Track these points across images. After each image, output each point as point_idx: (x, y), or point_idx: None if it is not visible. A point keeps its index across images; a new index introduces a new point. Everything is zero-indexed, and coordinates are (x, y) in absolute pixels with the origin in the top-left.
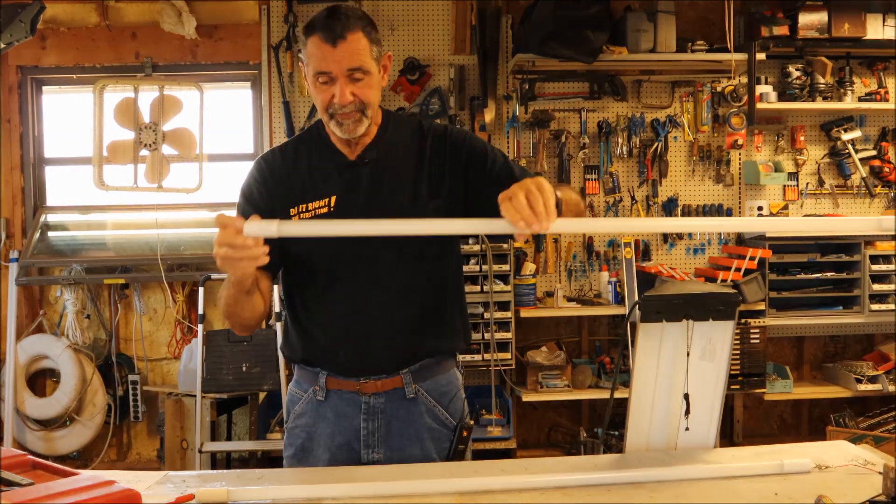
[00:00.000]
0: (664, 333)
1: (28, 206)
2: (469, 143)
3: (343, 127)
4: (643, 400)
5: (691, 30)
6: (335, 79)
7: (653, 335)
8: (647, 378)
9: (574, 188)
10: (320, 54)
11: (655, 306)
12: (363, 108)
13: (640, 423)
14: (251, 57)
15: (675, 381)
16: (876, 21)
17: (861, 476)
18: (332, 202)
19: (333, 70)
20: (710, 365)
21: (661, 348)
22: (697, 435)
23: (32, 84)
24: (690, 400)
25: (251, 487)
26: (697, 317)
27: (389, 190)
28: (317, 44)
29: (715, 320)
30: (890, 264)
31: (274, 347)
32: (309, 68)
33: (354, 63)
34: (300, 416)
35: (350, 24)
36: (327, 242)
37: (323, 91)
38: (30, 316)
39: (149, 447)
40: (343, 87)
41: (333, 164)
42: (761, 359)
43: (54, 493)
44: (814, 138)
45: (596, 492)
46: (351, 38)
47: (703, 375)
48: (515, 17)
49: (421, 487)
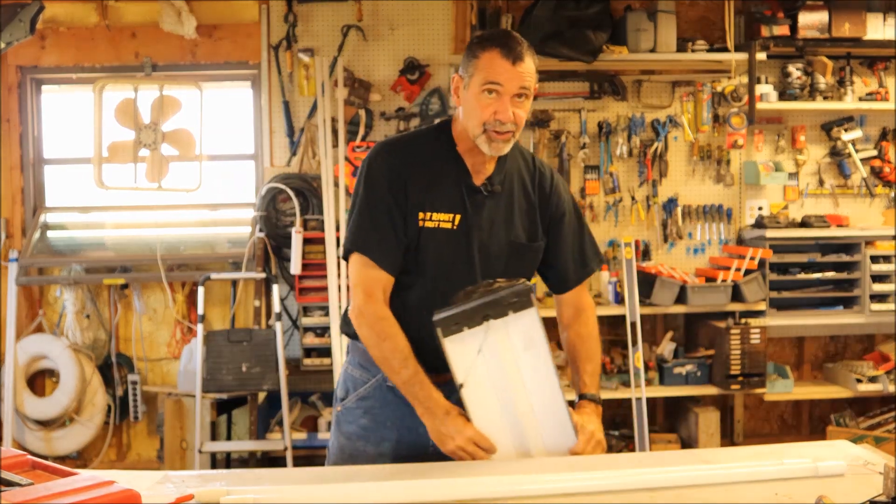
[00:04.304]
0: (475, 341)
1: (28, 206)
2: (565, 202)
3: (493, 144)
4: (490, 411)
5: (691, 29)
6: (503, 95)
7: (467, 345)
8: (483, 389)
9: (594, 356)
10: (499, 69)
11: (453, 321)
12: (515, 130)
13: (497, 434)
14: (251, 57)
15: (512, 382)
16: (876, 21)
17: (861, 476)
18: (457, 220)
19: (506, 84)
20: (536, 353)
21: (481, 355)
22: (554, 432)
23: (32, 84)
24: (534, 395)
25: (251, 487)
26: (497, 315)
27: (504, 224)
28: (495, 58)
29: (515, 312)
30: (890, 264)
31: (274, 348)
32: (475, 79)
33: (525, 83)
34: (365, 398)
35: (526, 49)
36: (447, 247)
37: (487, 105)
38: (29, 316)
39: (148, 447)
40: (508, 104)
41: (463, 182)
42: (761, 359)
43: (54, 493)
44: (814, 138)
45: (596, 492)
46: (527, 61)
47: (534, 367)
48: (515, 17)
49: (422, 490)
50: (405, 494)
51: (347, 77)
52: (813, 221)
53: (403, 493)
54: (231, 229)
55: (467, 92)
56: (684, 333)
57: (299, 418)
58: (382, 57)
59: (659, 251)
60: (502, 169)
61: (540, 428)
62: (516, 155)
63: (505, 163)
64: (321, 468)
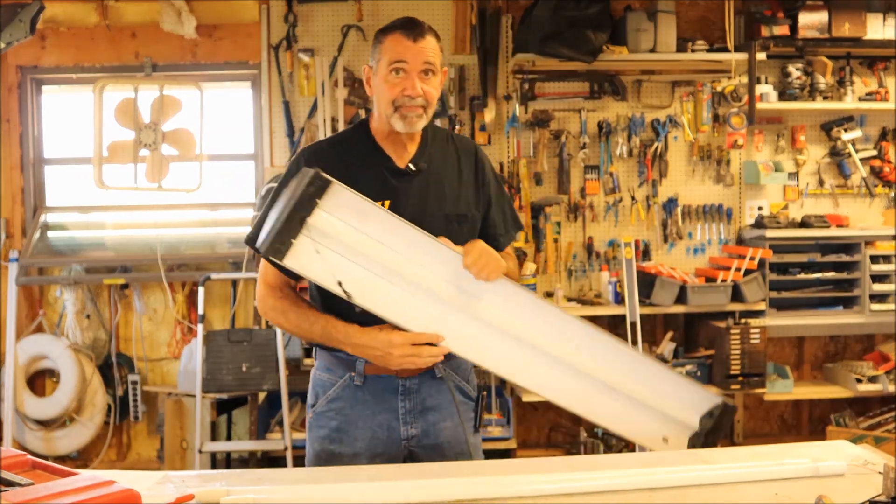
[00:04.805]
0: (309, 245)
1: (28, 206)
2: (493, 176)
3: (406, 120)
4: (395, 299)
5: (691, 30)
6: (409, 72)
7: (306, 255)
8: (364, 283)
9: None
10: (401, 48)
11: (277, 242)
12: (426, 106)
13: (421, 310)
14: (251, 57)
15: (378, 255)
16: (876, 21)
17: (861, 476)
18: (387, 206)
19: (410, 61)
20: (372, 216)
21: (322, 255)
22: (445, 267)
23: (32, 84)
24: (402, 249)
25: (251, 487)
26: (308, 210)
27: (436, 200)
28: (398, 38)
29: (321, 198)
30: (890, 264)
31: (274, 348)
32: (382, 62)
33: (430, 58)
34: (334, 400)
35: (427, 28)
36: None
37: (395, 84)
38: (29, 316)
39: (149, 447)
40: (415, 80)
41: (385, 167)
42: (761, 359)
43: (54, 493)
44: (814, 138)
45: (596, 492)
46: (429, 38)
47: (381, 229)
48: (515, 16)
49: (422, 490)
50: (405, 494)
51: (347, 77)
52: (813, 221)
53: (403, 494)
54: (231, 229)
55: (377, 77)
56: (684, 333)
57: (299, 418)
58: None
59: (659, 251)
60: (425, 148)
61: (434, 275)
62: (437, 135)
63: (427, 143)
64: (321, 468)
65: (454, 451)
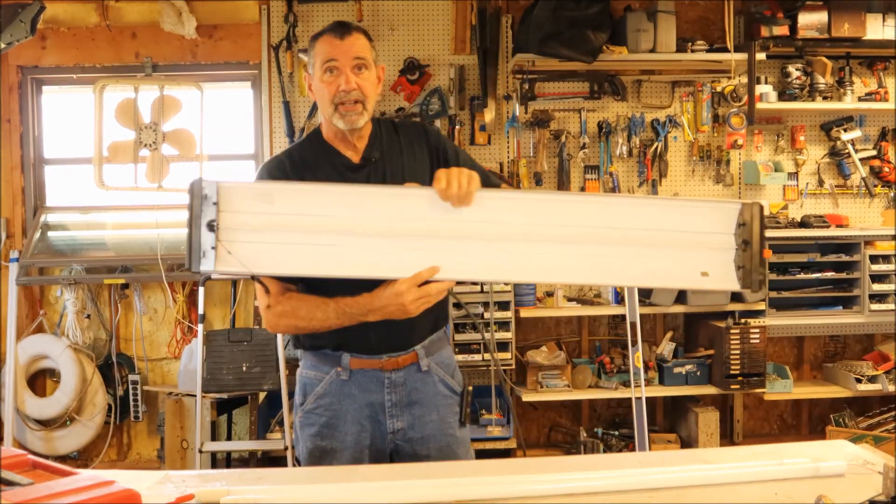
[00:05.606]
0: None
1: (28, 206)
2: (454, 149)
3: (346, 118)
4: (364, 250)
5: (691, 30)
6: (341, 68)
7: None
8: (323, 249)
9: None
10: (330, 47)
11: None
12: (363, 100)
13: (402, 251)
14: (251, 57)
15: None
16: (876, 21)
17: (861, 476)
18: None
19: (341, 58)
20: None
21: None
22: (412, 202)
23: (32, 84)
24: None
25: (251, 487)
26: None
27: (397, 183)
28: (326, 40)
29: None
30: (890, 264)
31: (274, 347)
32: (316, 65)
33: (359, 53)
34: (322, 396)
35: (354, 27)
36: None
37: (330, 83)
38: (30, 316)
39: (149, 447)
40: (349, 74)
41: (341, 164)
42: (761, 359)
43: (54, 493)
44: (814, 138)
45: (596, 492)
46: (356, 35)
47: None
48: (515, 17)
49: (422, 490)
50: (405, 494)
51: None
52: (812, 221)
53: (403, 493)
54: None
55: (315, 81)
56: (684, 333)
57: None
58: (382, 57)
59: None
60: (376, 140)
61: (407, 217)
62: (387, 127)
63: (378, 135)
64: (321, 468)
65: (438, 444)
